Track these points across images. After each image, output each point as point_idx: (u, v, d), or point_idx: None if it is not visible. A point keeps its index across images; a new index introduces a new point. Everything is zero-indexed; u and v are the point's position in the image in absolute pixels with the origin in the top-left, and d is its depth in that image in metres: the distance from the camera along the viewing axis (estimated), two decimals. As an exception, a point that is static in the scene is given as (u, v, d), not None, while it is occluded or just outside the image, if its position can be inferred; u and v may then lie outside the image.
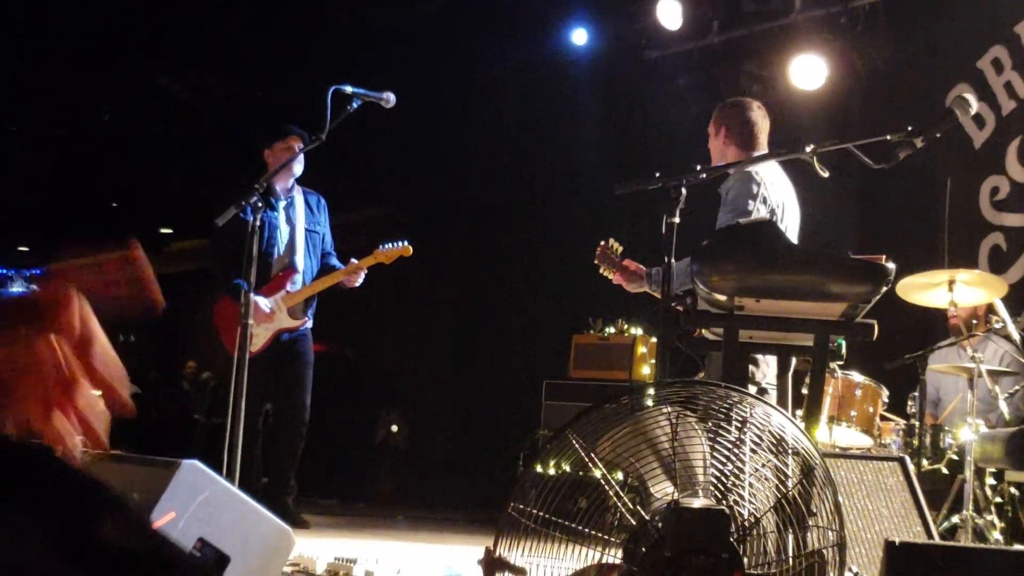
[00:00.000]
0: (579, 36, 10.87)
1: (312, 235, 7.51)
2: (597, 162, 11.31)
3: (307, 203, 7.53)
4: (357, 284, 7.35)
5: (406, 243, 7.19)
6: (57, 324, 0.84)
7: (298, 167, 7.28)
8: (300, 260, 7.39)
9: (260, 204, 5.55)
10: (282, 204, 7.38)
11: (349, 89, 5.59)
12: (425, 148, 12.38)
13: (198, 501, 2.96)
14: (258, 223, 5.52)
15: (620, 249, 5.75)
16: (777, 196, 5.49)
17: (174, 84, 12.57)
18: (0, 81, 12.41)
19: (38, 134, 13.78)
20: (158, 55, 12.07)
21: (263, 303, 7.04)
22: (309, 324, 7.46)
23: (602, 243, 5.77)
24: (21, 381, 0.82)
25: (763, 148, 5.69)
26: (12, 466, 0.71)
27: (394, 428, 13.26)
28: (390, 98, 5.75)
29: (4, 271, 21.88)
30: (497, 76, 11.28)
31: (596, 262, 5.76)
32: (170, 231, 18.23)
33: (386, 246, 7.22)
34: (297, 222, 7.44)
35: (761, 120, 5.75)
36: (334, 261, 7.57)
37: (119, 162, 14.38)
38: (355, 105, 5.61)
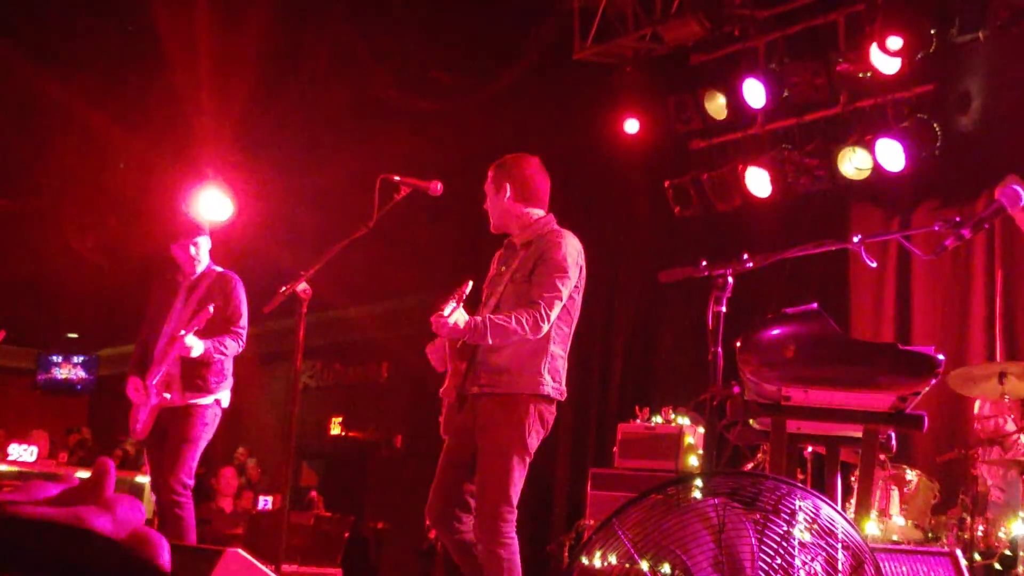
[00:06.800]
0: (630, 125, 10.93)
1: None
2: (643, 249, 11.32)
3: None
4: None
5: None
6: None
7: None
8: None
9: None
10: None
11: (397, 177, 5.61)
12: (469, 233, 12.42)
13: (240, 589, 2.94)
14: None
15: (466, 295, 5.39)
16: (583, 269, 5.47)
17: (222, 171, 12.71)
18: (50, 167, 12.62)
19: (89, 221, 13.94)
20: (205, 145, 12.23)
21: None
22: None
23: (464, 282, 5.32)
24: None
25: (545, 205, 5.62)
26: (70, 543, 0.73)
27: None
28: (437, 186, 5.76)
29: (53, 357, 22.14)
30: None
31: (453, 300, 5.21)
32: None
33: None
34: None
35: (542, 178, 5.68)
36: None
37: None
38: (402, 193, 5.63)
